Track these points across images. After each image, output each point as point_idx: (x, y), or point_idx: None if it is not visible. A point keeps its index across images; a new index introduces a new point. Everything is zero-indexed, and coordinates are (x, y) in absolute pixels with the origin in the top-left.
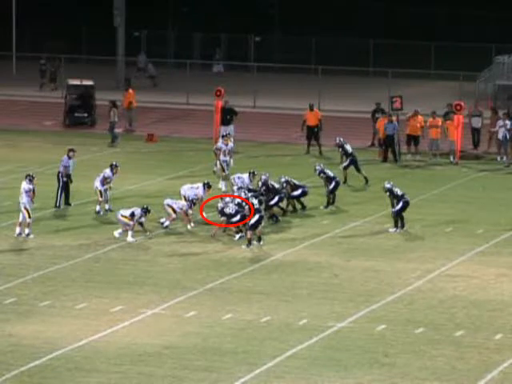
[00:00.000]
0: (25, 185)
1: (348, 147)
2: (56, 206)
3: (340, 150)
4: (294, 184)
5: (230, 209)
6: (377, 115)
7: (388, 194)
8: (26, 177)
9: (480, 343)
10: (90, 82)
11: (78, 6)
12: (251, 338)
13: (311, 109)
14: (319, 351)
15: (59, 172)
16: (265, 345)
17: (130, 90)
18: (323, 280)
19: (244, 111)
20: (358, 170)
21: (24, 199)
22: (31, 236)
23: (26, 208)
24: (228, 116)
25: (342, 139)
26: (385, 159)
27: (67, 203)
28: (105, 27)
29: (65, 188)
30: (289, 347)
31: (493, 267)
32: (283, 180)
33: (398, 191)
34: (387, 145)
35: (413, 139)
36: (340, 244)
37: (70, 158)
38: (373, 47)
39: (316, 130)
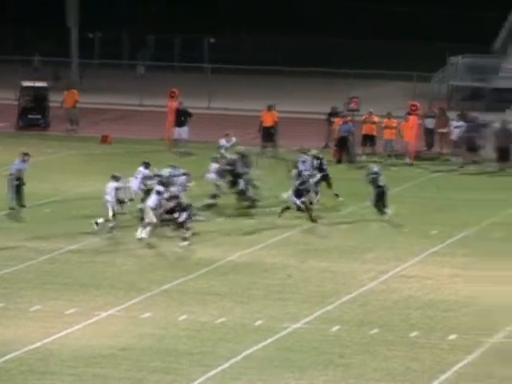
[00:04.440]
0: None
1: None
2: (10, 208)
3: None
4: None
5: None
6: (331, 119)
7: (372, 178)
8: None
9: (434, 344)
10: (43, 84)
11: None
12: (206, 339)
13: (269, 109)
14: (274, 352)
15: (10, 174)
16: (220, 346)
17: (74, 90)
18: (278, 281)
19: (198, 112)
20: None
21: None
22: None
23: None
24: (182, 117)
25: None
26: (339, 161)
27: (22, 205)
28: (58, 28)
29: (17, 190)
30: (244, 348)
31: (447, 268)
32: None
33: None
34: (341, 146)
35: (368, 140)
36: (297, 245)
37: (24, 161)
38: (334, 47)
39: (272, 131)
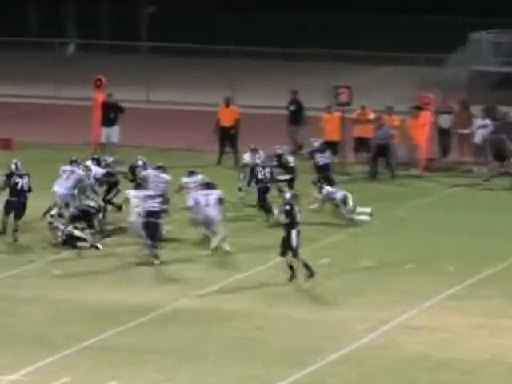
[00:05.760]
0: None
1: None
2: None
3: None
4: None
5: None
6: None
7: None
8: None
9: None
10: None
11: None
12: None
13: (227, 104)
14: None
15: None
16: None
17: None
18: (241, 333)
19: (133, 107)
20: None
21: None
22: None
23: None
24: (112, 114)
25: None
26: (374, 175)
27: None
28: None
29: None
30: None
31: (467, 316)
32: None
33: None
34: (377, 157)
35: (363, 144)
36: (261, 286)
37: None
38: (310, 22)
39: (232, 131)
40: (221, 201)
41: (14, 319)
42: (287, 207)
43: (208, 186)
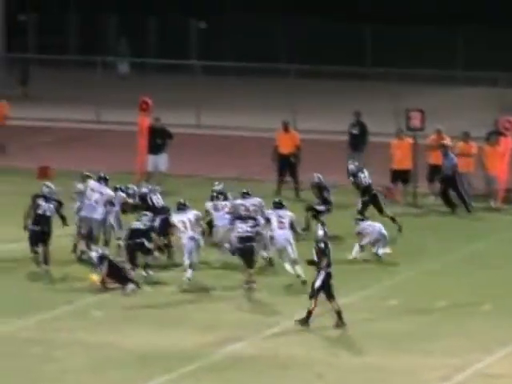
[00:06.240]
0: None
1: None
2: None
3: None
4: None
5: None
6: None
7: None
8: None
9: None
10: None
11: None
12: None
13: (286, 129)
14: None
15: None
16: None
17: (2, 101)
18: (299, 383)
19: (182, 132)
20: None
21: None
22: None
23: None
24: (159, 140)
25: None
26: (392, 199)
27: None
28: None
29: None
30: None
31: None
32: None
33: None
34: (447, 188)
35: (437, 172)
36: (325, 330)
37: None
38: (371, 38)
39: (292, 159)
40: (293, 223)
41: (50, 365)
42: (321, 245)
43: (280, 205)
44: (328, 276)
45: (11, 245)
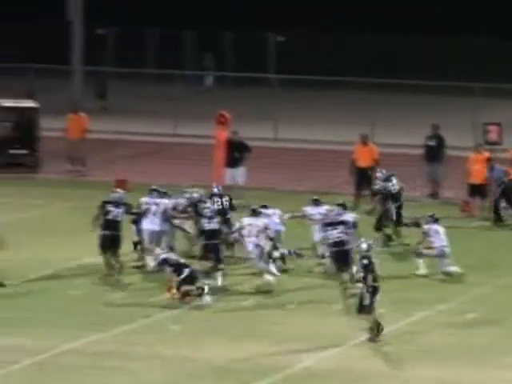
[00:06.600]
0: None
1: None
2: None
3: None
4: None
5: None
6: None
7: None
8: None
9: None
10: (31, 104)
11: None
12: None
13: (364, 142)
14: None
15: None
16: None
17: (82, 114)
18: None
19: (259, 146)
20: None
21: None
22: None
23: None
24: (237, 154)
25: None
26: (469, 213)
27: None
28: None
29: None
30: None
31: None
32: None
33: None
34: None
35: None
36: (400, 343)
37: None
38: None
39: (370, 173)
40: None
41: (126, 378)
42: (364, 261)
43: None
44: (374, 291)
45: (88, 258)
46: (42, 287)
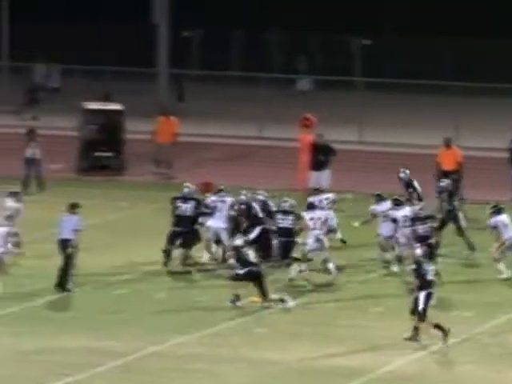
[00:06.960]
0: None
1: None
2: (64, 289)
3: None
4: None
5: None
6: None
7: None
8: None
9: None
10: (116, 106)
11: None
12: None
13: (447, 146)
14: None
15: (62, 240)
16: None
17: (172, 117)
18: None
19: (344, 149)
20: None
21: None
22: None
23: None
24: (322, 157)
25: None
26: None
27: (63, 287)
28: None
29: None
30: None
31: None
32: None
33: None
34: None
35: None
36: (486, 346)
37: (72, 216)
38: None
39: (454, 176)
40: None
41: (212, 380)
42: (415, 266)
43: None
44: (428, 296)
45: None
46: (127, 289)
